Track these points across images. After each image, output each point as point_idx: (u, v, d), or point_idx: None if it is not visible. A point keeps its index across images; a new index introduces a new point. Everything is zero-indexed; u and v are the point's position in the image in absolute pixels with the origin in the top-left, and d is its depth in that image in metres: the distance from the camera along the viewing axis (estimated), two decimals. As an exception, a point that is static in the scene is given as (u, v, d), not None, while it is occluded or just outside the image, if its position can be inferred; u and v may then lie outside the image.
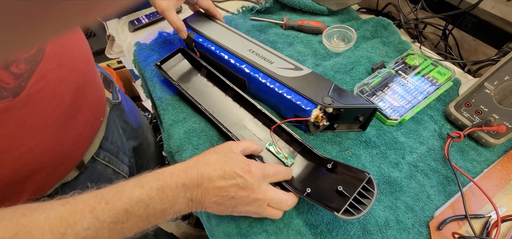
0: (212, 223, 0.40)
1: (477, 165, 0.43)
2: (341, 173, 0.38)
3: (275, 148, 0.44)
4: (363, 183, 0.34)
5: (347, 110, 0.43)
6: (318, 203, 0.35)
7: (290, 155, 0.44)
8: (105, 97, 0.49)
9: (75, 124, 0.38)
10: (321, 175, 0.40)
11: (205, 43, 0.53)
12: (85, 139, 0.42)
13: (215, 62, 0.54)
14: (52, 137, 0.35)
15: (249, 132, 0.47)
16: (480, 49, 0.60)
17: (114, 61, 1.54)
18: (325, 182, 0.38)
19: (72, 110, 0.37)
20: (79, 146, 0.41)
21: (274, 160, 0.44)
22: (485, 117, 0.43)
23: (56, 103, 0.35)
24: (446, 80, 0.51)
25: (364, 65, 0.56)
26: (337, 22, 0.67)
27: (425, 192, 0.40)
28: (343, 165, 0.38)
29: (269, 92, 0.47)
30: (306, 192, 0.37)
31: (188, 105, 0.52)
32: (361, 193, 0.33)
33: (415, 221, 0.38)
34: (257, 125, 0.48)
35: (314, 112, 0.42)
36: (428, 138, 0.46)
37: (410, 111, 0.47)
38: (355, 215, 0.32)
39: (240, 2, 0.76)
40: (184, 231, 1.15)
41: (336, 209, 0.32)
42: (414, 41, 0.63)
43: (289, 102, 0.44)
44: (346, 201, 0.33)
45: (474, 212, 0.38)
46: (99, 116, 0.45)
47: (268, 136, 0.46)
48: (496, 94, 0.43)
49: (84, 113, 0.40)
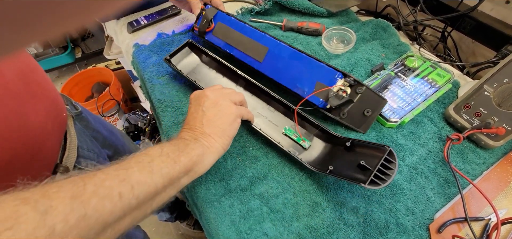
0: (211, 226, 0.40)
1: (476, 167, 0.43)
2: (360, 150, 0.40)
3: (291, 131, 0.46)
4: (384, 155, 0.35)
5: (363, 95, 0.45)
6: (343, 177, 0.37)
7: (307, 138, 0.45)
8: (60, 97, 0.47)
9: (35, 108, 0.37)
10: (340, 154, 0.41)
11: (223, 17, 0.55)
12: (52, 132, 0.41)
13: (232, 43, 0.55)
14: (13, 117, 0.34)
15: (264, 119, 0.48)
16: (478, 51, 0.60)
17: (113, 62, 1.54)
18: (345, 159, 0.40)
19: (27, 95, 0.37)
20: (49, 137, 0.40)
21: (291, 143, 0.45)
22: (484, 119, 0.43)
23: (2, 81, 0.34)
24: (445, 82, 0.51)
25: (363, 67, 0.56)
26: (336, 24, 0.67)
27: (425, 195, 0.40)
28: (361, 142, 0.40)
29: (293, 59, 0.49)
30: (329, 170, 0.39)
31: (186, 107, 0.52)
32: (383, 164, 0.35)
33: (415, 223, 0.38)
34: (271, 111, 0.49)
35: (339, 82, 0.45)
36: (427, 140, 0.46)
37: (409, 114, 0.47)
38: (381, 184, 0.33)
39: (240, 3, 0.76)
40: (183, 232, 1.15)
41: (362, 181, 0.34)
42: (413, 43, 0.63)
43: (317, 67, 0.46)
44: (368, 174, 0.34)
45: (474, 215, 0.38)
46: (60, 110, 0.44)
47: (283, 121, 0.48)
48: (495, 96, 0.43)
49: (43, 100, 0.39)
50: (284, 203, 0.40)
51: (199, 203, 0.42)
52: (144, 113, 1.41)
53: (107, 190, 0.25)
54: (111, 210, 0.25)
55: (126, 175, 0.27)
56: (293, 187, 0.42)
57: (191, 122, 0.38)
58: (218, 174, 0.43)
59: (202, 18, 0.57)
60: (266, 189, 0.42)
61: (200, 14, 0.58)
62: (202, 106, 0.39)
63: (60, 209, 0.22)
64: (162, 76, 0.57)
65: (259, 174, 0.43)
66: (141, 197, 0.28)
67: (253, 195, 0.41)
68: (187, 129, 0.38)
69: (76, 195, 0.23)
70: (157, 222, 1.18)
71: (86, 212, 0.23)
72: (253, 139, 0.47)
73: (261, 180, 0.43)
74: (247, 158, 0.45)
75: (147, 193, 0.28)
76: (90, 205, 0.23)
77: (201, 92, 0.41)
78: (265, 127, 0.46)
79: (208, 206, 0.41)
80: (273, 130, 0.47)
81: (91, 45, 1.84)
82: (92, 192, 0.24)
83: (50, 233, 0.20)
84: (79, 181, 0.24)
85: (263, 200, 0.41)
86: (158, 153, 0.32)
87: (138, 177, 0.28)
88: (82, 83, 1.48)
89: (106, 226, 0.25)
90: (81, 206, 0.23)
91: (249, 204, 0.40)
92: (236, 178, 0.43)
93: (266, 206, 0.40)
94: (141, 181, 0.28)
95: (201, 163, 0.35)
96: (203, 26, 0.56)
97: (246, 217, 0.39)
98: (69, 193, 0.23)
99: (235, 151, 0.46)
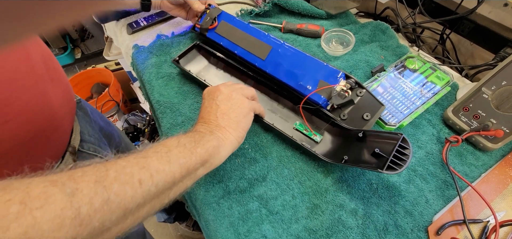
0: (210, 228, 0.40)
1: (475, 170, 0.43)
2: (373, 139, 0.40)
3: (302, 126, 0.47)
4: (398, 142, 0.36)
5: (363, 98, 0.46)
6: (359, 165, 0.38)
7: (317, 132, 0.46)
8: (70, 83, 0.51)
9: (53, 92, 0.40)
10: (353, 145, 0.42)
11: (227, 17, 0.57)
12: (68, 113, 0.44)
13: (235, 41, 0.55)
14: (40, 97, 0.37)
15: (275, 115, 0.49)
16: (477, 53, 0.60)
17: (112, 63, 1.54)
18: (358, 149, 0.41)
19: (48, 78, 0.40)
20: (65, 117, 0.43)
21: (303, 138, 0.46)
22: (482, 122, 0.44)
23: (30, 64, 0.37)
24: (445, 85, 0.51)
25: (362, 69, 0.56)
26: (335, 26, 0.67)
27: (423, 196, 0.40)
28: (374, 132, 0.41)
29: (296, 58, 0.50)
30: (344, 160, 0.39)
31: (186, 110, 0.52)
32: (398, 151, 0.36)
33: (414, 225, 0.38)
34: (280, 108, 0.50)
35: (342, 82, 0.45)
36: (426, 142, 0.46)
37: (408, 117, 0.47)
38: (398, 169, 0.34)
39: (239, 5, 0.76)
40: (182, 234, 1.15)
41: (379, 167, 0.35)
42: (412, 45, 0.63)
43: (320, 67, 0.47)
44: (384, 161, 0.35)
45: (472, 217, 0.38)
46: (72, 95, 0.47)
47: (293, 117, 0.49)
48: (494, 99, 0.43)
49: (59, 85, 0.42)
50: (283, 205, 0.40)
51: (198, 204, 0.42)
52: (144, 114, 1.41)
53: (128, 176, 0.26)
54: (132, 195, 0.25)
55: (145, 163, 0.28)
56: (292, 188, 0.42)
57: (206, 116, 0.39)
58: (217, 175, 0.43)
59: (206, 15, 0.58)
60: (265, 190, 0.42)
61: (204, 12, 0.59)
62: (216, 100, 0.40)
63: (85, 192, 0.22)
64: (161, 77, 0.57)
65: (258, 176, 0.43)
66: (160, 185, 0.28)
67: (252, 197, 0.41)
68: (202, 122, 0.38)
69: (100, 179, 0.24)
70: (156, 223, 1.18)
71: (109, 197, 0.24)
72: (252, 140, 0.47)
73: (260, 181, 0.43)
74: (246, 160, 0.45)
75: (166, 182, 0.29)
76: (112, 190, 0.24)
77: (214, 87, 0.42)
78: (277, 123, 0.47)
79: (207, 208, 0.41)
80: (284, 125, 0.48)
81: (91, 46, 1.84)
82: (114, 177, 0.25)
83: (76, 214, 0.21)
84: (101, 167, 0.25)
85: (262, 201, 0.41)
86: (175, 143, 0.32)
87: (157, 165, 0.29)
88: (82, 84, 1.48)
89: (127, 212, 0.25)
90: (104, 190, 0.23)
91: (248, 205, 0.40)
92: (235, 180, 0.43)
93: (265, 208, 0.40)
94: (160, 169, 0.29)
95: (217, 154, 0.35)
96: (206, 23, 0.57)
97: (245, 219, 0.39)
98: (93, 177, 0.24)
99: (234, 153, 0.46)
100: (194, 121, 0.50)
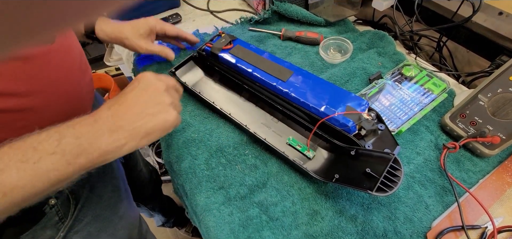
0: (210, 234, 0.40)
1: (472, 176, 0.43)
2: (365, 158, 0.40)
3: (295, 142, 0.46)
4: (390, 162, 0.36)
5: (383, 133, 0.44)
6: (349, 185, 0.37)
7: (311, 148, 0.46)
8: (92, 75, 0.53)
9: (84, 82, 0.44)
10: (345, 162, 0.42)
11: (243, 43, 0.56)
12: (89, 101, 0.47)
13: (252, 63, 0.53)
14: (76, 85, 0.41)
15: (268, 129, 0.49)
16: (473, 60, 0.61)
17: (112, 69, 1.54)
18: (350, 167, 0.40)
19: (81, 70, 0.43)
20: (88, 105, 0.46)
21: (295, 153, 0.46)
22: (479, 128, 0.44)
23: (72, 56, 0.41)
24: (441, 91, 0.52)
25: (360, 76, 0.57)
26: (334, 33, 0.68)
27: (423, 202, 0.41)
28: (366, 150, 0.40)
29: (321, 83, 0.48)
30: (335, 178, 0.39)
31: (187, 116, 0.52)
32: (389, 171, 0.35)
33: (413, 232, 0.38)
34: (274, 122, 0.50)
35: (366, 111, 0.44)
36: (424, 149, 0.46)
37: (406, 123, 0.48)
38: (388, 191, 0.33)
39: (239, 13, 0.77)
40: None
41: (368, 188, 0.34)
42: (410, 52, 0.64)
43: (344, 94, 0.46)
44: (375, 181, 0.35)
45: (471, 223, 0.38)
46: (93, 87, 0.49)
47: (286, 132, 0.49)
48: (490, 106, 0.44)
49: (87, 76, 0.46)
50: (283, 211, 0.41)
51: (198, 211, 0.43)
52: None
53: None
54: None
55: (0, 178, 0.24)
56: (292, 195, 0.42)
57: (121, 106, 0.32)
58: (218, 182, 0.44)
59: (221, 37, 0.57)
60: (265, 197, 0.42)
61: (218, 35, 0.58)
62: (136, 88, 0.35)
63: None
64: (163, 84, 0.57)
65: (258, 182, 0.43)
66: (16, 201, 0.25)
67: (252, 203, 0.42)
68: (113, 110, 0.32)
69: None
70: (155, 228, 1.17)
71: None
72: (252, 147, 0.47)
73: (260, 188, 0.43)
74: (247, 166, 0.45)
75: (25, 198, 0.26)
76: None
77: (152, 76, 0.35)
78: (269, 137, 0.46)
79: (207, 214, 0.41)
80: (277, 140, 0.47)
81: (92, 51, 1.85)
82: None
83: None
84: None
85: (262, 208, 0.41)
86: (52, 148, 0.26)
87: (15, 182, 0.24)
88: (82, 90, 1.49)
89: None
90: None
91: (248, 212, 0.41)
92: (235, 186, 0.43)
93: (265, 214, 0.41)
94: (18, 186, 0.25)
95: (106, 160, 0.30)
96: (221, 43, 0.56)
97: (245, 225, 0.39)
98: None
99: (234, 159, 0.46)
100: (194, 127, 0.50)
